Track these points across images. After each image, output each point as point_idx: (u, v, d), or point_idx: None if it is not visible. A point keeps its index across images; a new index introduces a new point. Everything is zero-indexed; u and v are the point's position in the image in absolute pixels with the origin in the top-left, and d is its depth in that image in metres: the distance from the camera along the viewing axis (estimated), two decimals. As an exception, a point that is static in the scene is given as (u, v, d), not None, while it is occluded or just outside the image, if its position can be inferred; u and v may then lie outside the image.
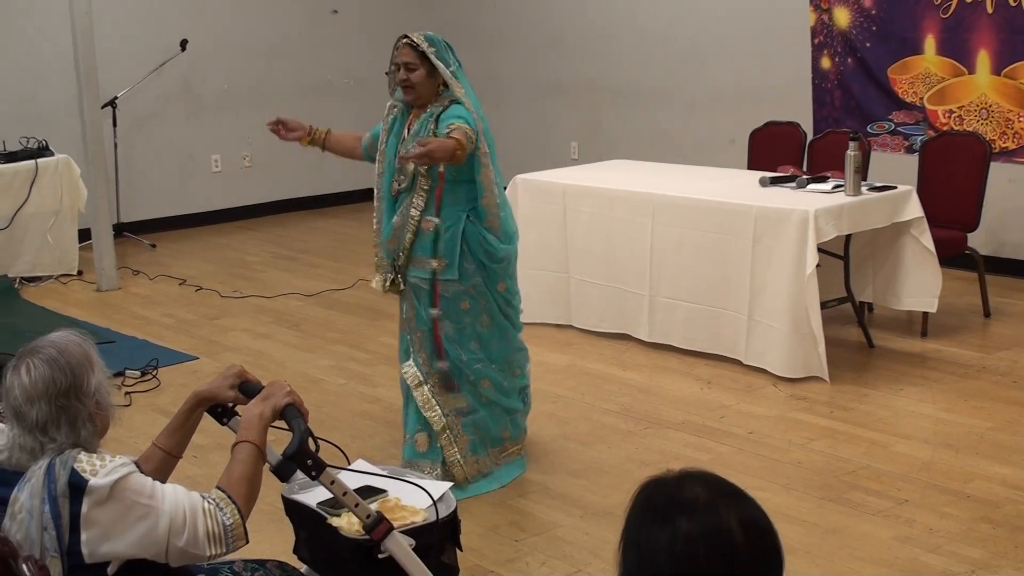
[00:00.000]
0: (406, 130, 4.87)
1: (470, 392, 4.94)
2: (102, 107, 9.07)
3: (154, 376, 6.52)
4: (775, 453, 5.28)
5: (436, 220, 4.79)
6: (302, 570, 3.25)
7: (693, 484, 1.82)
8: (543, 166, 8.28)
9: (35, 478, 2.51)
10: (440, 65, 4.76)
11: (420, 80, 4.76)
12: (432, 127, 4.74)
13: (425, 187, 4.78)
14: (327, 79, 11.47)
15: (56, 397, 2.56)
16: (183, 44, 10.28)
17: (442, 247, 4.80)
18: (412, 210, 4.80)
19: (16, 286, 8.65)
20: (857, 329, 6.75)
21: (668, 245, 6.63)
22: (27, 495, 2.50)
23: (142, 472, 2.61)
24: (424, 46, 4.75)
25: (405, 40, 4.79)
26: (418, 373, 4.91)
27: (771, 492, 4.79)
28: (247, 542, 2.65)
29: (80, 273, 8.99)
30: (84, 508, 2.47)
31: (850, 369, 6.29)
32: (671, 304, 6.66)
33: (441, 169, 4.73)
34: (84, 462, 2.52)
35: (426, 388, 4.89)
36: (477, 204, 4.82)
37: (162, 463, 2.91)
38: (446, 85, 4.80)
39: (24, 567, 2.34)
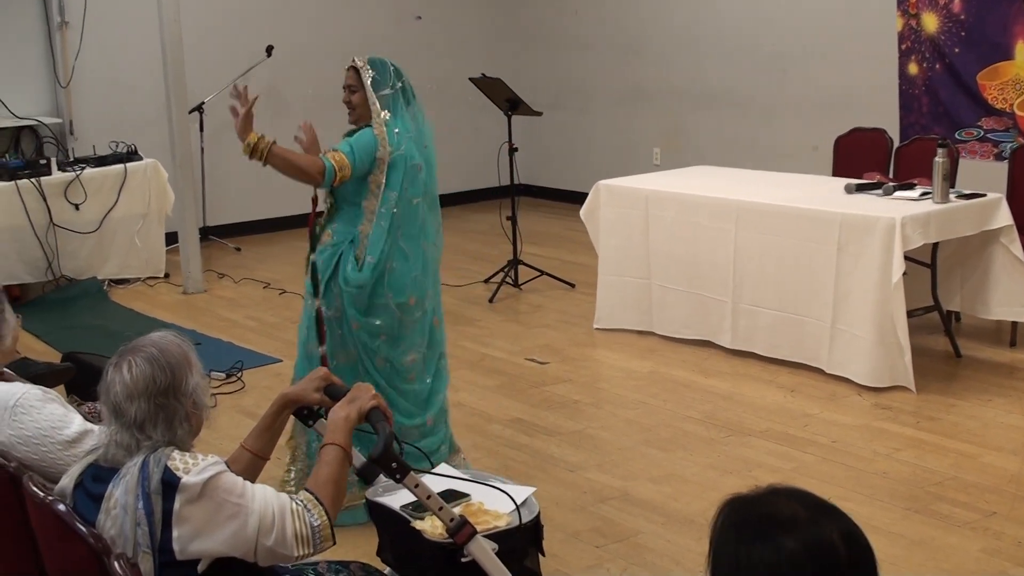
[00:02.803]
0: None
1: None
2: (189, 112, 9.21)
3: (239, 378, 6.59)
4: (860, 463, 5.22)
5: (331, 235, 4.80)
6: (385, 572, 3.27)
7: (787, 500, 1.81)
8: (625, 172, 8.26)
9: (130, 475, 2.55)
10: (369, 90, 4.78)
11: (359, 102, 4.81)
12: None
13: (327, 200, 4.86)
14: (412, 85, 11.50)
15: (155, 395, 2.60)
16: (269, 50, 10.40)
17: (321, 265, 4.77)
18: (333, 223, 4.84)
19: (105, 288, 8.79)
20: (944, 338, 6.65)
21: (751, 252, 6.58)
22: (122, 491, 2.55)
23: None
24: (363, 69, 4.81)
25: (351, 63, 4.88)
26: None
27: (855, 503, 4.73)
28: (334, 543, 2.67)
29: (167, 276, 9.13)
30: (176, 505, 2.51)
31: (937, 379, 6.20)
32: (754, 311, 6.61)
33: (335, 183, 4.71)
34: (177, 460, 2.56)
35: None
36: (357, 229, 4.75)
37: (250, 465, 2.94)
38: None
39: (116, 564, 2.38)
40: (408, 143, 4.74)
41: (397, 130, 4.73)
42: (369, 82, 4.78)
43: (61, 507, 2.60)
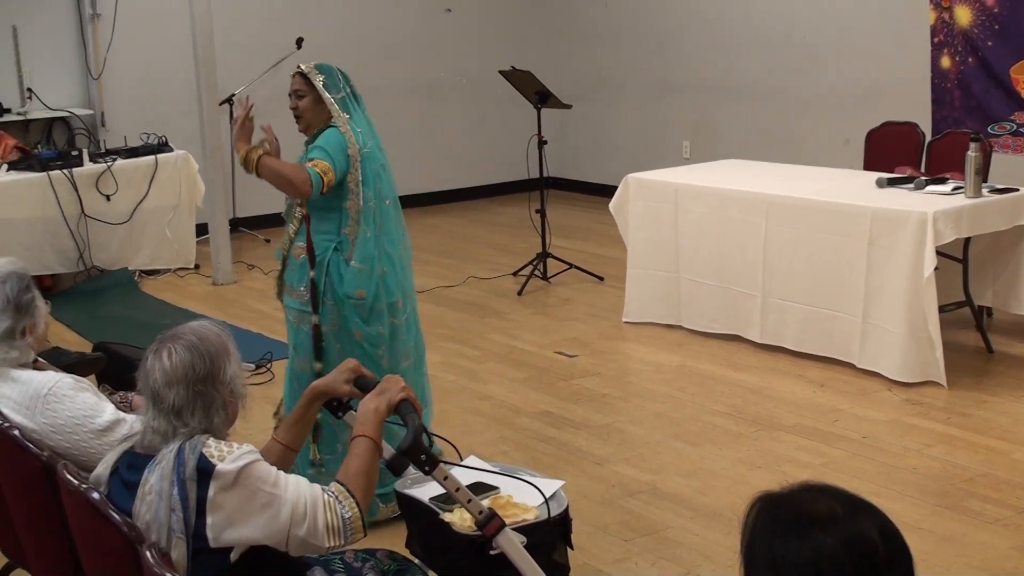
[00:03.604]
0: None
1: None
2: (220, 104, 9.24)
3: (268, 369, 6.62)
4: (890, 458, 5.19)
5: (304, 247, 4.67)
6: (415, 563, 3.27)
7: (823, 497, 1.80)
8: (655, 165, 8.24)
9: (165, 461, 2.57)
10: (324, 93, 4.68)
11: (307, 107, 4.70)
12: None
13: (297, 214, 4.71)
14: (440, 77, 11.53)
15: (194, 383, 2.63)
16: (299, 42, 10.42)
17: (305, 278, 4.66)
18: (285, 236, 4.79)
19: (135, 279, 8.85)
20: (976, 334, 6.61)
21: (781, 246, 6.56)
22: (157, 477, 2.57)
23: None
24: (312, 73, 4.71)
25: (297, 70, 4.78)
26: None
27: (886, 498, 4.71)
28: (365, 535, 2.68)
29: (197, 267, 9.17)
30: (211, 492, 2.53)
31: (968, 374, 6.16)
32: (783, 305, 6.59)
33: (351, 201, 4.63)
34: (212, 447, 2.58)
35: None
36: (341, 233, 4.65)
37: (281, 456, 2.95)
38: None
39: (149, 553, 2.40)
40: (371, 143, 4.65)
41: (359, 130, 4.64)
42: (321, 85, 4.69)
43: (95, 495, 2.62)
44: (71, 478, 2.71)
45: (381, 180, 4.67)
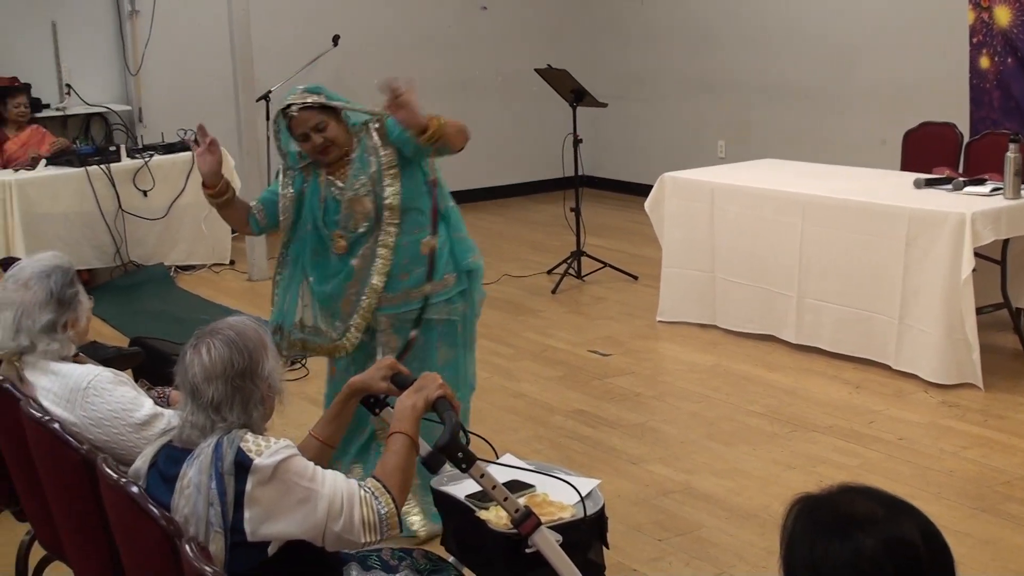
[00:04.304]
0: (329, 190, 4.42)
1: None
2: (256, 100, 9.27)
3: (303, 365, 6.63)
4: (926, 460, 5.17)
5: (433, 239, 4.47)
6: (450, 560, 3.28)
7: (863, 499, 1.79)
8: (690, 164, 8.22)
9: (203, 455, 2.59)
10: (338, 103, 4.36)
11: (337, 130, 4.34)
12: (382, 154, 4.37)
13: (395, 220, 4.37)
14: (476, 75, 11.54)
15: (233, 378, 2.64)
16: (335, 39, 10.45)
17: (444, 264, 4.49)
18: (381, 248, 4.39)
19: (171, 274, 8.90)
20: (1013, 336, 6.56)
21: (817, 246, 6.53)
22: (195, 471, 2.58)
23: (303, 458, 2.67)
24: (316, 98, 4.31)
25: (295, 109, 4.28)
26: None
27: (922, 501, 4.65)
28: (400, 531, 2.70)
29: (232, 263, 9.22)
30: (248, 486, 2.54)
31: (1006, 377, 6.12)
32: (819, 306, 6.56)
33: (433, 176, 4.46)
34: (250, 442, 2.59)
35: None
36: (446, 208, 4.52)
37: (318, 452, 2.96)
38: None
39: (188, 547, 2.41)
40: None
41: None
42: (326, 100, 4.34)
43: (134, 489, 2.64)
44: (110, 471, 2.73)
45: None
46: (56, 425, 3.10)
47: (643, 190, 8.15)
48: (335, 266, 4.48)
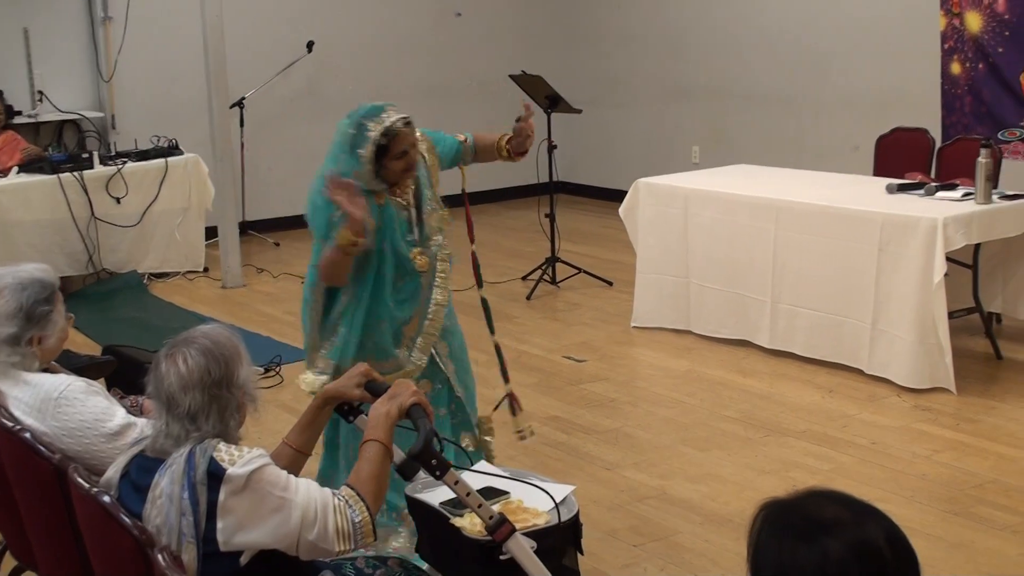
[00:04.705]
0: (399, 209, 4.34)
1: None
2: (230, 107, 9.25)
3: (277, 373, 6.63)
4: (899, 464, 5.19)
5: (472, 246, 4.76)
6: (424, 568, 3.28)
7: (829, 503, 1.80)
8: (664, 170, 8.24)
9: (176, 465, 2.58)
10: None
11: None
12: (428, 164, 4.44)
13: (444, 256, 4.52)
14: (450, 81, 11.54)
15: (210, 387, 2.63)
16: (309, 46, 10.44)
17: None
18: (441, 263, 4.54)
19: (145, 282, 8.86)
20: (985, 340, 6.60)
21: (791, 251, 6.55)
22: (168, 481, 2.57)
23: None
24: (408, 117, 4.22)
25: (402, 124, 4.14)
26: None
27: (894, 504, 4.71)
28: (375, 540, 2.69)
29: (206, 270, 9.19)
30: (221, 496, 2.53)
31: (977, 381, 6.15)
32: (793, 311, 6.58)
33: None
34: (223, 451, 2.58)
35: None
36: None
37: (292, 460, 2.96)
38: None
39: (160, 556, 2.40)
40: None
41: None
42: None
43: (106, 498, 2.63)
44: (82, 481, 2.72)
45: None
46: (27, 435, 3.09)
47: (617, 196, 8.17)
48: (409, 288, 4.39)
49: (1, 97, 8.91)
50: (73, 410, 3.25)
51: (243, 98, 10.07)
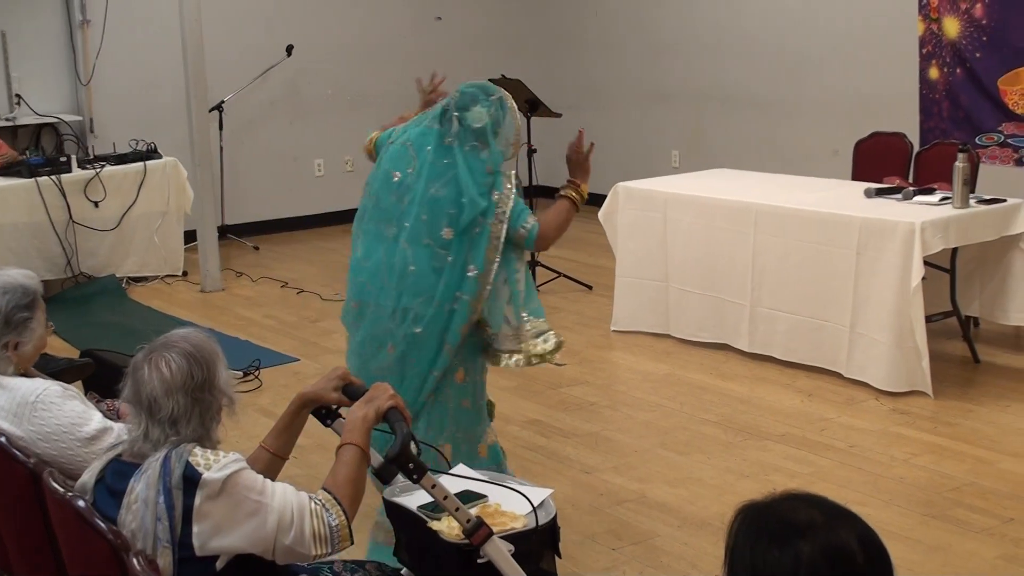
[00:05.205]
0: None
1: None
2: (209, 111, 9.22)
3: (256, 377, 6.61)
4: (877, 468, 5.21)
5: None
6: (402, 572, 3.27)
7: (803, 506, 1.81)
8: (644, 174, 8.24)
9: (151, 469, 2.57)
10: None
11: None
12: None
13: None
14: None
15: (193, 390, 2.63)
16: (289, 50, 10.42)
17: None
18: None
19: (123, 286, 8.83)
20: (962, 344, 6.63)
21: (770, 255, 6.57)
22: (143, 485, 2.56)
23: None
24: None
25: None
26: None
27: (873, 507, 4.72)
28: (351, 543, 2.68)
29: (185, 274, 9.16)
30: (197, 501, 2.52)
31: (955, 384, 6.18)
32: (772, 315, 6.60)
33: None
34: (199, 456, 2.57)
35: None
36: None
37: (269, 464, 2.95)
38: None
39: (135, 561, 2.39)
40: (400, 147, 4.47)
41: (402, 128, 4.63)
42: None
43: (81, 503, 2.61)
44: (57, 486, 2.71)
45: (377, 180, 4.44)
46: (2, 439, 3.07)
47: (597, 200, 8.16)
48: None
49: (-22, 101, 8.88)
50: (49, 414, 3.24)
51: (222, 102, 10.05)
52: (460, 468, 3.44)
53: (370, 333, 4.34)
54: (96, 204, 8.63)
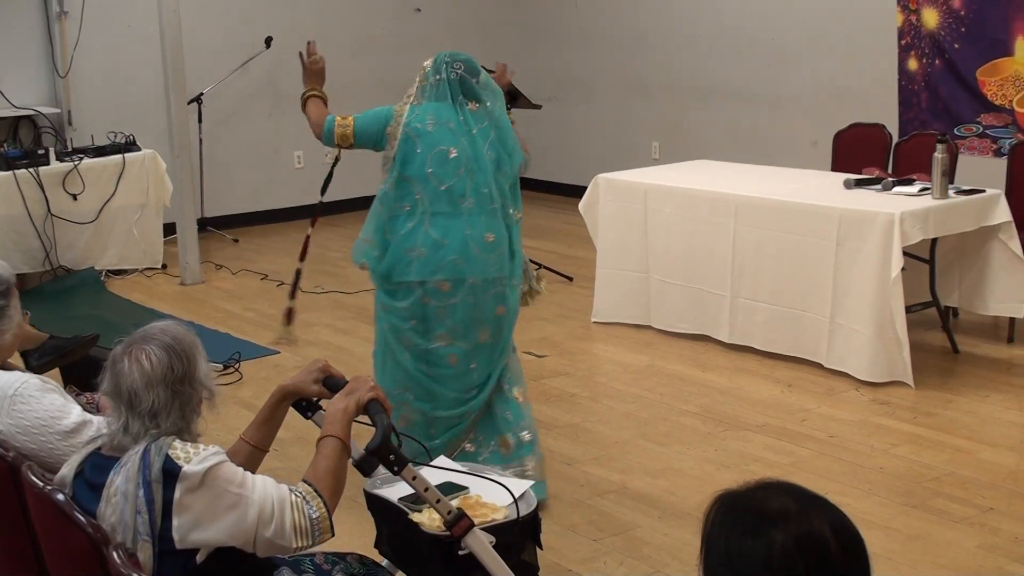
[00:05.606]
0: None
1: None
2: (188, 103, 9.19)
3: (236, 370, 6.59)
4: (857, 458, 5.22)
5: None
6: (383, 564, 3.27)
7: (777, 494, 1.82)
8: (624, 166, 8.26)
9: (131, 463, 2.56)
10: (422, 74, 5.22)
11: None
12: None
13: None
14: (409, 77, 11.48)
15: (173, 383, 2.62)
16: (268, 41, 10.38)
17: None
18: None
19: (102, 279, 8.79)
20: (942, 334, 6.66)
21: (750, 246, 6.58)
22: (123, 479, 2.55)
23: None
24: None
25: None
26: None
27: (853, 497, 4.74)
28: (332, 535, 2.68)
29: (164, 267, 9.12)
30: (177, 494, 2.51)
31: (934, 374, 6.20)
32: (752, 306, 6.61)
33: None
34: (179, 449, 2.57)
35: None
36: None
37: (249, 457, 2.94)
38: None
39: (115, 554, 2.38)
40: (430, 126, 4.68)
41: (418, 112, 4.75)
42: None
43: (60, 497, 2.60)
44: (35, 479, 2.69)
45: (442, 163, 4.62)
46: (-19, 433, 3.05)
47: (577, 191, 8.17)
48: None
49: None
50: (28, 407, 3.22)
51: (201, 94, 10.01)
52: (441, 460, 3.44)
53: (471, 303, 4.65)
54: (75, 197, 8.59)
